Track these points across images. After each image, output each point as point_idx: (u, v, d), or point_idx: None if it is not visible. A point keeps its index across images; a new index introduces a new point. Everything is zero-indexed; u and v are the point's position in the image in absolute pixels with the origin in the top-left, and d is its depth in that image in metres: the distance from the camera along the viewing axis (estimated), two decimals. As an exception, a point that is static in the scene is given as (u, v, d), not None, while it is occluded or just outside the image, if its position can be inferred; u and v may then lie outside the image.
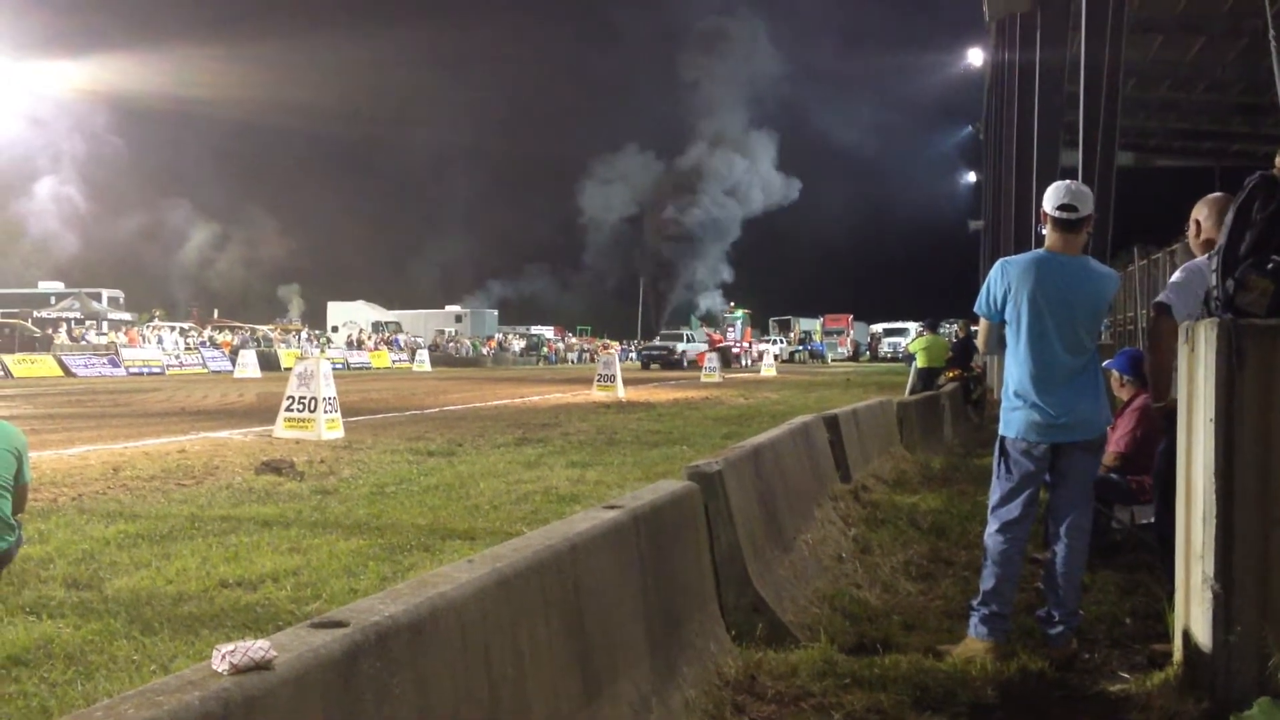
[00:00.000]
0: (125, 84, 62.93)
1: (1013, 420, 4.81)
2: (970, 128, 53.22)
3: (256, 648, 2.11)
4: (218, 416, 18.06)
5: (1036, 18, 18.78)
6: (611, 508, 3.91)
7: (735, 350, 63.50)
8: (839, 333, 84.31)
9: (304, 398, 13.64)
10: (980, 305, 4.97)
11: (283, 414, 13.79)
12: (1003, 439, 4.87)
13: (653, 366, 55.48)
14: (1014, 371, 4.82)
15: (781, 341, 76.69)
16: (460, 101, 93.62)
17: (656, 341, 61.92)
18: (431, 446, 12.60)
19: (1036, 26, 18.62)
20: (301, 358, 19.89)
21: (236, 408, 20.61)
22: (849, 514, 7.42)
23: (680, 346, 57.09)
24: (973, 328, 21.42)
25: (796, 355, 73.71)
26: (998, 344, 5.07)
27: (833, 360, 74.73)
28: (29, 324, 42.62)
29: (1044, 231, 4.99)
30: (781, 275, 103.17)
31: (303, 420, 13.56)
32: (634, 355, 66.14)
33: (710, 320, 74.42)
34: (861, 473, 8.69)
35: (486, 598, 2.84)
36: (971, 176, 59.18)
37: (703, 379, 35.59)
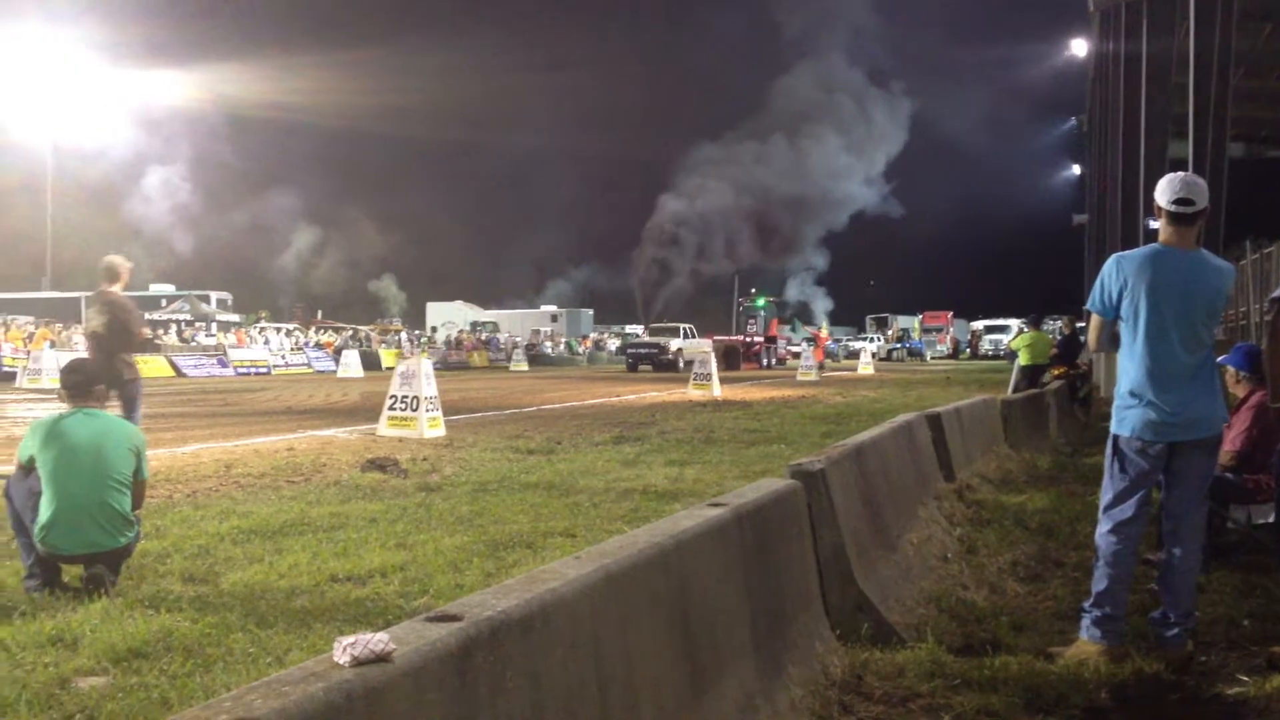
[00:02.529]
0: (231, 92, 64.62)
1: (1128, 418, 4.70)
2: (1073, 120, 52.04)
3: (376, 640, 2.16)
4: (323, 415, 18.45)
5: (1143, 6, 18.31)
6: (716, 505, 3.91)
7: (753, 346, 52.41)
8: (938, 330, 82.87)
9: (406, 396, 13.87)
10: (1094, 301, 4.86)
11: (386, 412, 14.02)
12: (1116, 438, 4.77)
13: (642, 368, 45.80)
14: (1130, 369, 4.71)
15: (879, 339, 75.81)
16: (553, 101, 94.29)
17: (644, 337, 50.56)
18: (531, 444, 12.72)
19: (1143, 15, 18.16)
20: (403, 358, 20.21)
21: (340, 407, 21.04)
22: (953, 513, 7.32)
23: (675, 343, 46.36)
24: (1078, 324, 20.94)
25: (894, 353, 72.72)
26: (1109, 341, 4.96)
27: (932, 358, 73.65)
28: (142, 326, 43.89)
29: (1155, 226, 4.87)
30: (879, 271, 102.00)
31: (405, 419, 13.79)
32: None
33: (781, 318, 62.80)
34: (965, 472, 8.57)
35: (595, 594, 2.87)
36: (1075, 169, 57.92)
37: (799, 377, 35.35)
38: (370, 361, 43.69)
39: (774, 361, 53.04)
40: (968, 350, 79.82)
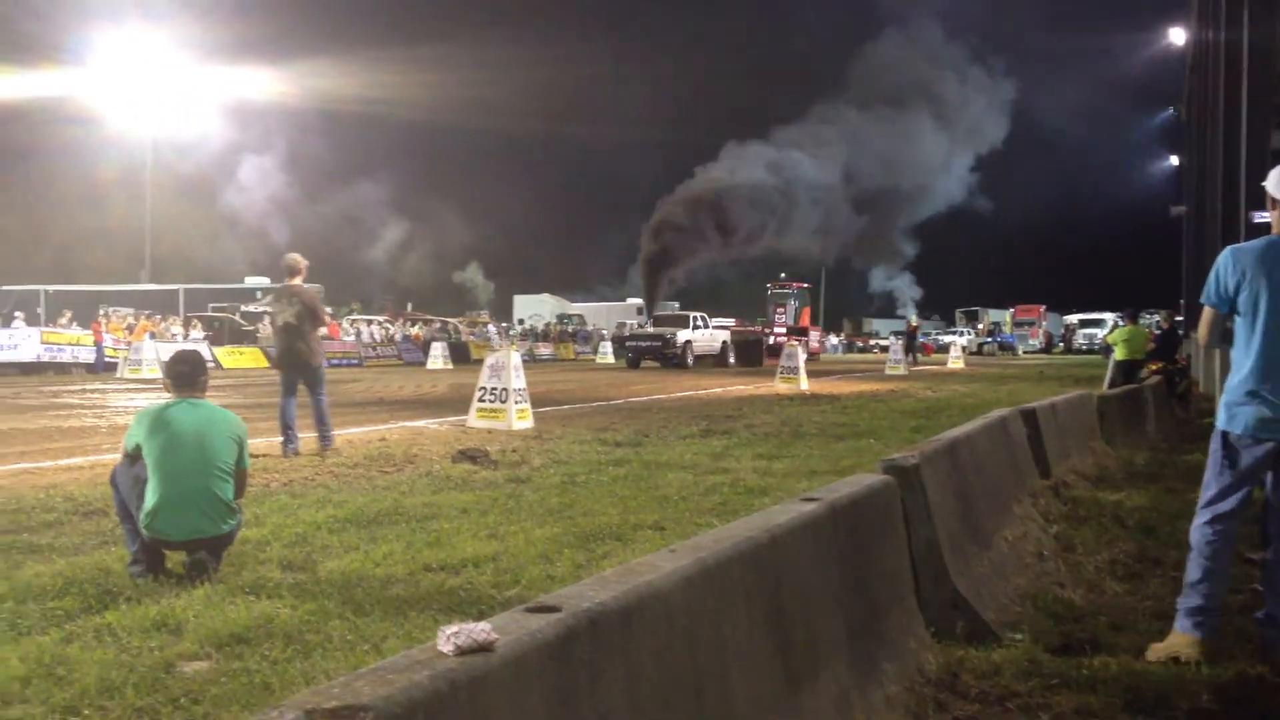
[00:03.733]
0: (320, 86, 65.70)
1: (1240, 415, 4.57)
2: (1171, 110, 50.73)
3: (479, 630, 2.19)
4: (414, 406, 18.71)
5: (1244, -8, 17.78)
6: (809, 500, 3.90)
7: (775, 339, 47.12)
8: (1030, 324, 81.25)
9: (495, 388, 14.01)
10: (1208, 294, 4.73)
11: (475, 404, 14.18)
12: (1225, 434, 4.65)
13: (647, 364, 40.54)
14: (1245, 364, 4.58)
15: (969, 333, 74.69)
16: (637, 93, 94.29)
17: (647, 328, 43.57)
18: (618, 437, 12.78)
19: (1244, 2, 17.63)
20: (491, 350, 20.41)
21: (430, 398, 21.32)
22: (1049, 510, 7.20)
23: (683, 335, 40.15)
24: (1176, 318, 20.42)
25: (985, 347, 71.58)
26: (1222, 337, 4.82)
27: (1024, 352, 72.40)
28: (237, 317, 44.95)
29: (1262, 218, 4.73)
30: (969, 264, 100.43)
31: (494, 410, 13.93)
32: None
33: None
34: (1061, 468, 8.42)
35: (690, 587, 2.87)
36: (1173, 160, 56.47)
37: (887, 370, 35.04)
38: (459, 353, 44.22)
39: (805, 355, 47.78)
40: (1061, 344, 78.32)
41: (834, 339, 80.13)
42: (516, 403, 13.92)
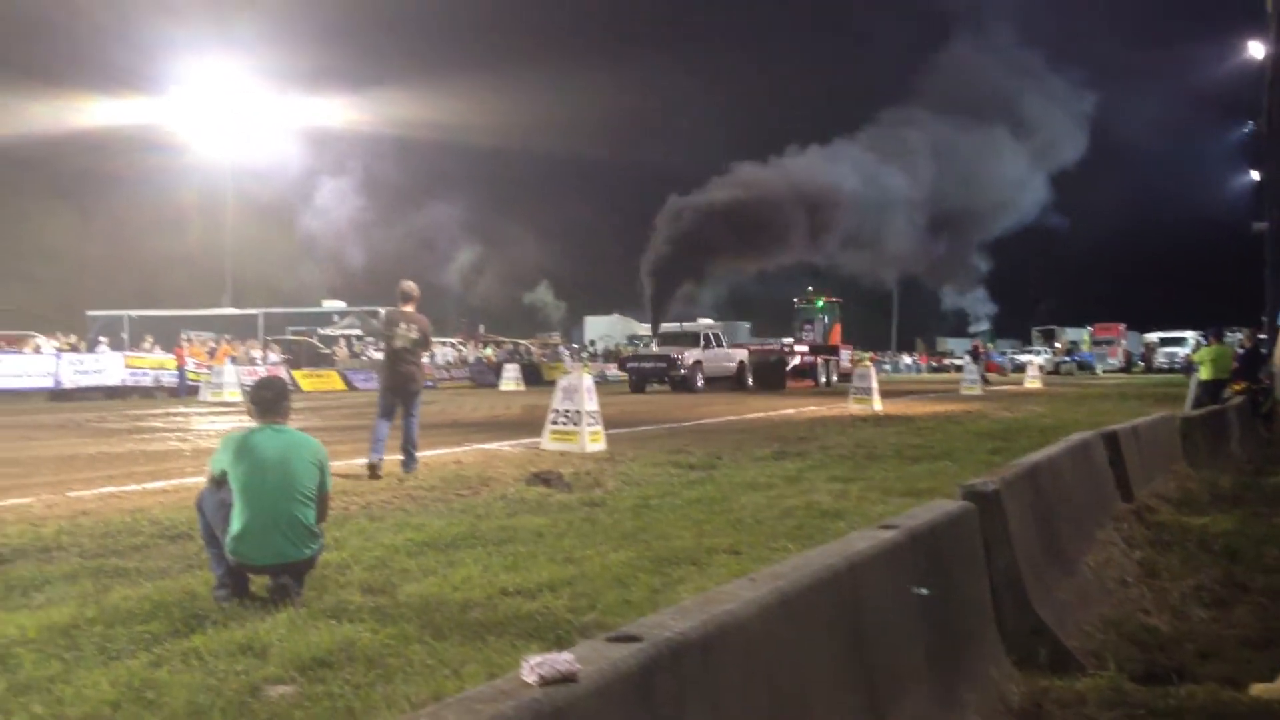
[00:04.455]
0: (393, 113, 66.57)
1: None
2: (1251, 123, 49.65)
3: (562, 660, 2.21)
4: (487, 428, 18.86)
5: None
6: (888, 527, 3.87)
7: (802, 360, 43.05)
8: (1109, 342, 79.62)
9: (568, 411, 14.08)
10: None
11: (548, 426, 14.26)
12: None
13: (653, 388, 36.44)
14: None
15: (1046, 352, 73.50)
16: (703, 114, 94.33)
17: (652, 347, 39.32)
18: (692, 459, 12.76)
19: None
20: (564, 372, 20.52)
21: (504, 420, 21.48)
22: (1132, 535, 7.07)
23: (692, 354, 35.93)
24: (1260, 335, 19.89)
25: (1063, 367, 70.34)
26: None
27: (1103, 372, 71.07)
28: (315, 341, 45.68)
29: None
30: (1046, 281, 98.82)
31: (567, 433, 14.00)
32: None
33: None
34: (1143, 492, 8.27)
35: (770, 616, 2.87)
36: (1254, 175, 55.23)
37: (963, 391, 34.61)
38: (531, 375, 44.48)
39: (834, 378, 43.35)
40: (1141, 363, 76.74)
41: (907, 359, 79.19)
42: (589, 425, 13.98)
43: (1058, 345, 77.38)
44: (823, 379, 42.80)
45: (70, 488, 10.28)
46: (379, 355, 44.93)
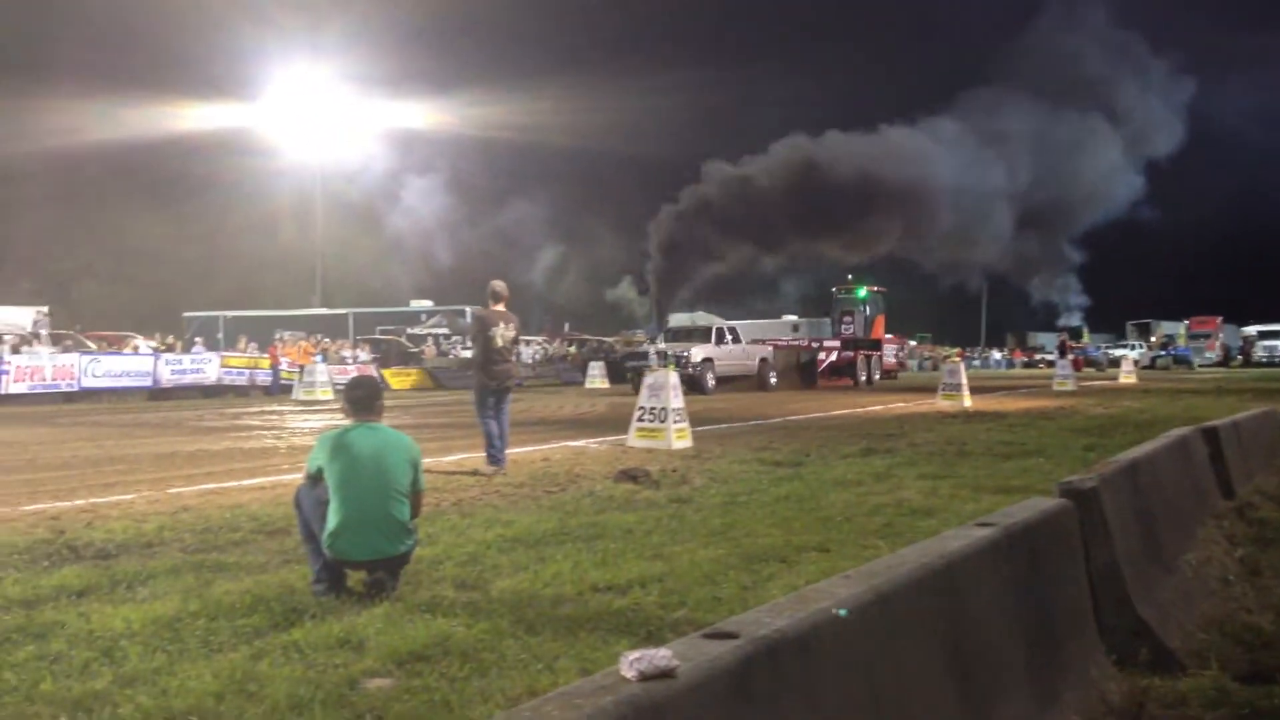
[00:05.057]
0: (479, 115, 67.25)
1: None
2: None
3: (660, 656, 2.22)
4: (573, 426, 18.98)
5: None
6: (984, 525, 3.83)
7: (838, 356, 39.41)
8: (1206, 336, 77.49)
9: (654, 408, 14.12)
10: None
11: (634, 424, 14.31)
12: None
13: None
14: None
15: (1141, 346, 71.89)
16: (784, 112, 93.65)
17: (657, 344, 34.49)
18: (778, 456, 12.72)
19: None
20: (649, 370, 20.55)
21: (589, 417, 21.60)
22: (1233, 533, 6.89)
23: (700, 351, 32.24)
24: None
25: (1158, 361, 68.65)
26: None
27: (1199, 366, 69.29)
28: (404, 340, 46.33)
29: None
30: (1140, 273, 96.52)
31: (654, 430, 14.03)
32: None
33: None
34: (1245, 489, 8.05)
35: (867, 614, 2.85)
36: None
37: (1055, 387, 33.99)
38: (616, 372, 44.58)
39: (876, 375, 40.53)
40: (1239, 357, 74.66)
41: (997, 354, 77.94)
42: (675, 422, 13.99)
43: (1153, 339, 75.59)
44: (862, 377, 39.26)
45: (171, 484, 10.56)
46: (466, 354, 45.65)
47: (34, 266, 60.79)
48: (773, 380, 35.42)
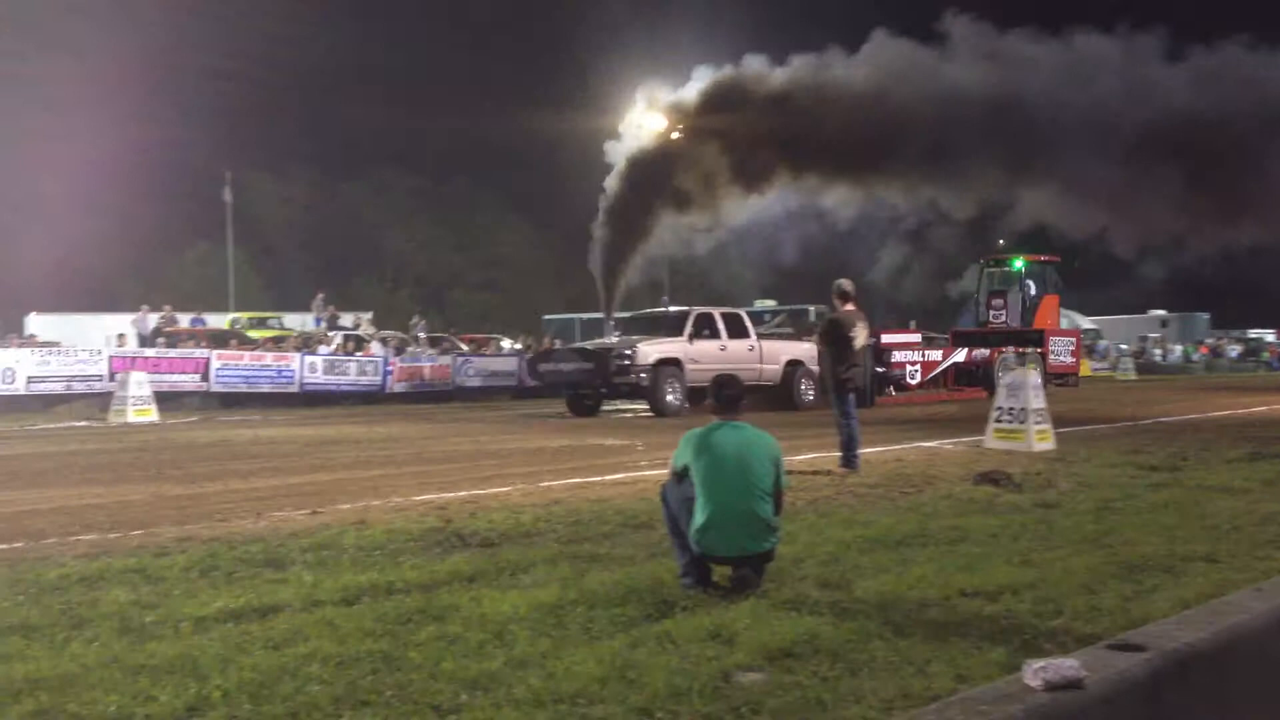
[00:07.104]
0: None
1: None
2: None
3: (1067, 666, 2.15)
4: (925, 425, 18.57)
5: None
6: None
7: (969, 356, 27.84)
8: None
9: (1013, 408, 13.61)
10: None
11: (992, 424, 13.85)
12: None
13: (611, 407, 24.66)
14: None
15: None
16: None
17: (611, 338, 24.84)
18: (1153, 460, 11.93)
19: None
20: (1007, 368, 19.88)
21: (941, 416, 21.08)
22: None
23: (649, 350, 21.40)
24: None
25: None
26: None
27: None
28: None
29: None
30: None
31: (1012, 431, 13.52)
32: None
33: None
34: None
35: (1285, 631, 2.65)
36: None
37: None
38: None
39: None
40: None
41: None
42: (1036, 423, 13.43)
43: None
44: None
45: (541, 478, 11.20)
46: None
47: (410, 275, 66.34)
48: (808, 395, 23.67)
